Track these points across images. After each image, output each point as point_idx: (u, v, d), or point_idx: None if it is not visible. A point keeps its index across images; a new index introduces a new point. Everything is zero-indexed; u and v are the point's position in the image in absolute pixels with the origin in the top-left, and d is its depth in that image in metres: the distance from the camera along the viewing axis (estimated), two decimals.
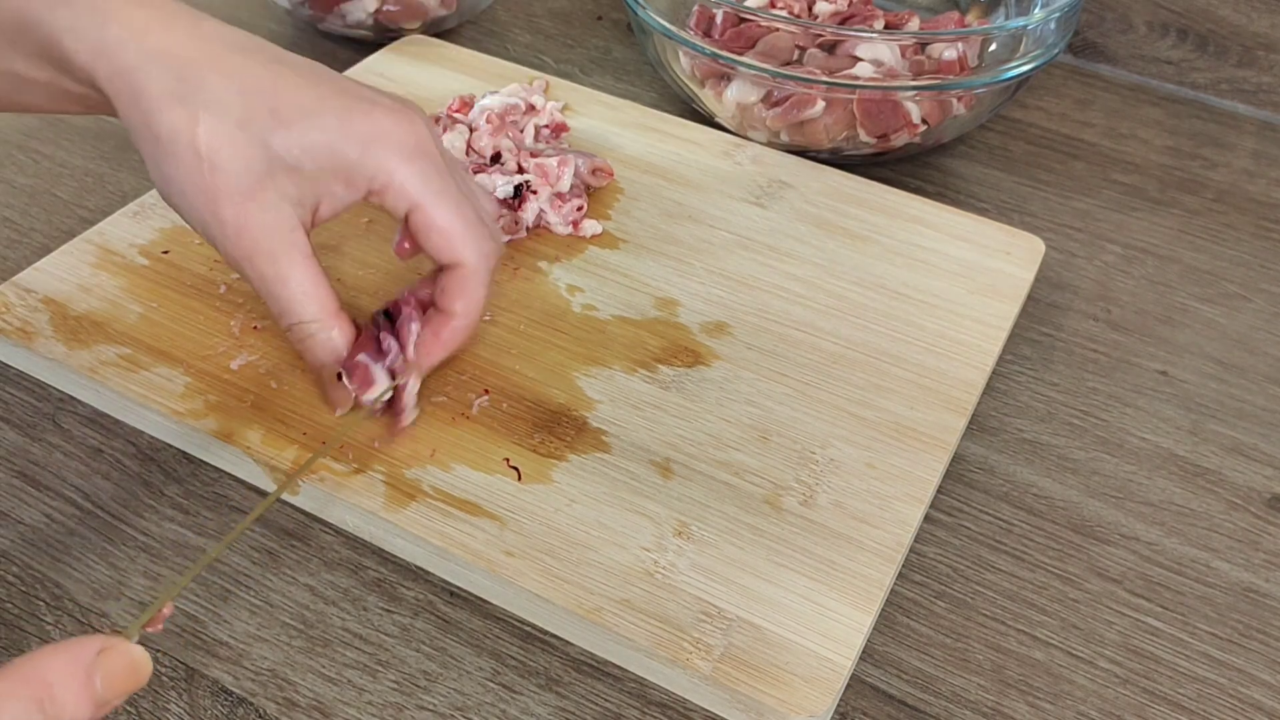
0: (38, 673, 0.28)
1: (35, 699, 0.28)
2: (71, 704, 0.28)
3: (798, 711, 0.37)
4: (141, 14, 0.39)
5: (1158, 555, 0.45)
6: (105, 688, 0.29)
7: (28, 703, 0.27)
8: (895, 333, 0.51)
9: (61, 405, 0.48)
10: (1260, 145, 0.69)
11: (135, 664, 0.30)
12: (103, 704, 0.29)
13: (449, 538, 0.42)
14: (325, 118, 0.40)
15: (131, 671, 0.30)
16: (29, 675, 0.28)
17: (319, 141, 0.40)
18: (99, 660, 0.29)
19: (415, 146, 0.41)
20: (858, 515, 0.43)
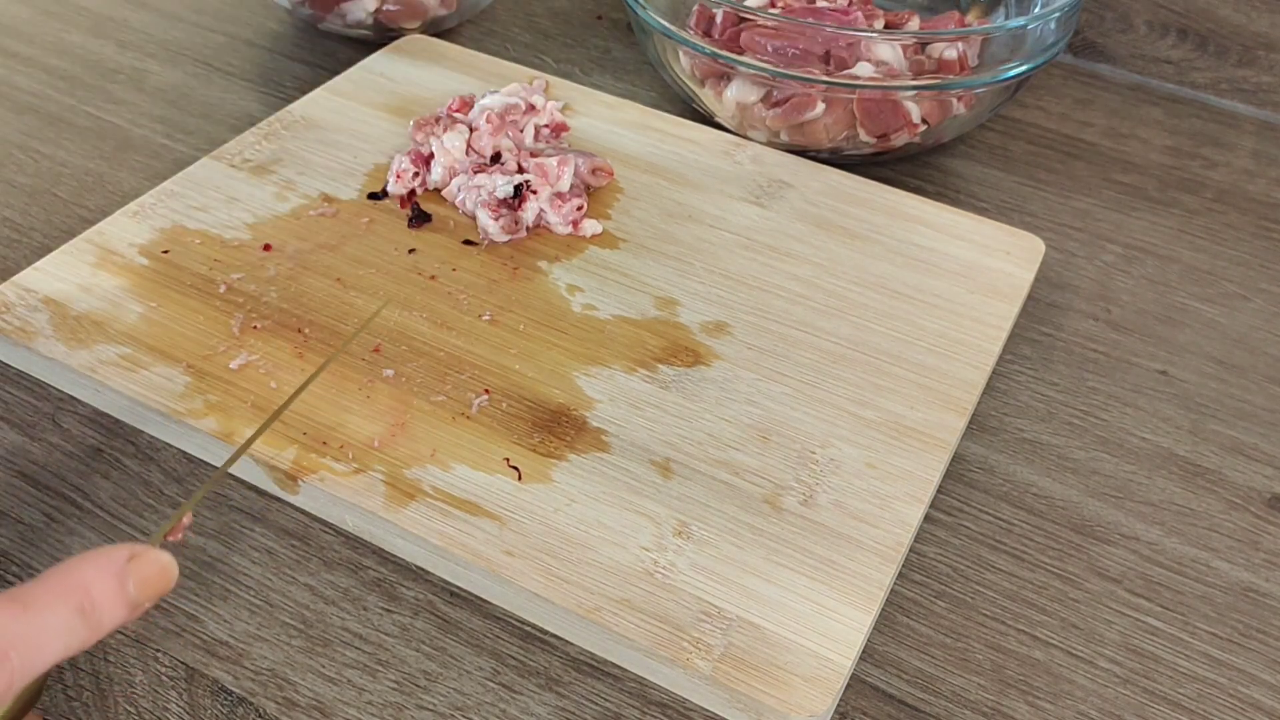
0: (75, 579, 0.30)
1: (76, 604, 0.29)
2: (109, 607, 0.30)
3: (798, 711, 0.37)
4: None
5: (1158, 555, 0.45)
6: (138, 590, 0.31)
7: (69, 608, 0.29)
8: (895, 332, 0.51)
9: (61, 405, 0.48)
10: (1260, 145, 0.69)
11: (164, 567, 0.32)
12: (136, 606, 0.31)
13: (449, 537, 0.42)
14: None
15: (160, 574, 0.32)
16: (68, 582, 0.29)
17: None
18: (130, 566, 0.31)
19: None
20: (858, 515, 0.43)
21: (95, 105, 0.66)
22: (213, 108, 0.67)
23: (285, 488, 0.44)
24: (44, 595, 0.29)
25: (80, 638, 0.30)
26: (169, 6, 0.77)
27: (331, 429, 0.45)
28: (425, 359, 0.48)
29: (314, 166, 0.59)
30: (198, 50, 0.72)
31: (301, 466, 0.44)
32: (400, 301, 0.51)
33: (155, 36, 0.73)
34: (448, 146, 0.57)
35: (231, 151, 0.59)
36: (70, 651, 0.30)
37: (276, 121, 0.61)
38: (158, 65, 0.71)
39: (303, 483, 0.43)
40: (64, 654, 0.29)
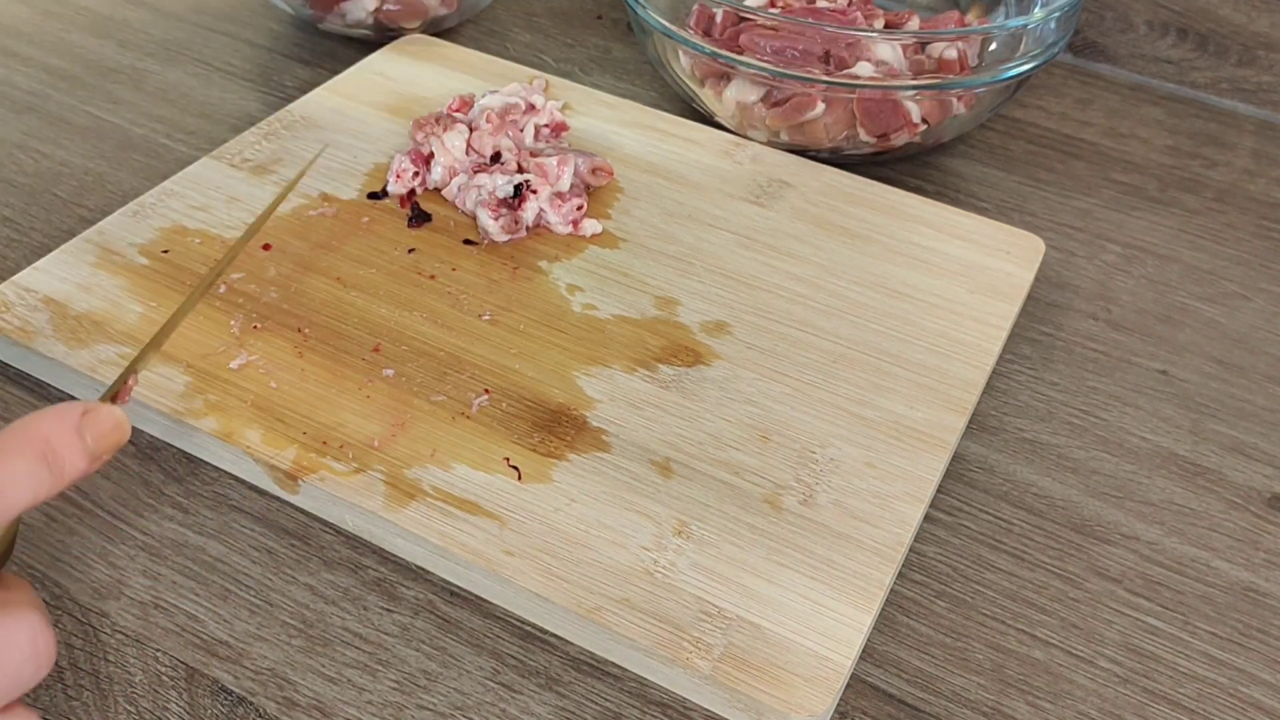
0: (34, 430, 0.32)
1: (38, 453, 0.31)
2: (69, 454, 0.32)
3: (798, 711, 0.37)
4: None
5: (1158, 555, 0.45)
6: (95, 441, 0.33)
7: (32, 457, 0.31)
8: (895, 332, 0.51)
9: None
10: (1260, 144, 0.69)
11: (117, 421, 0.34)
12: (94, 456, 0.33)
13: (449, 537, 0.42)
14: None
15: (115, 427, 0.34)
16: (27, 434, 0.31)
17: None
18: (85, 419, 0.33)
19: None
20: (858, 515, 0.43)
21: (95, 105, 0.66)
22: (213, 108, 0.67)
23: (285, 487, 0.44)
24: (6, 445, 0.31)
25: (45, 483, 0.31)
26: (169, 6, 0.77)
27: (331, 429, 0.45)
28: (425, 359, 0.48)
29: (314, 166, 0.59)
30: (198, 50, 0.72)
31: (301, 466, 0.44)
32: (400, 301, 0.51)
33: (155, 36, 0.73)
34: (448, 146, 0.57)
35: (231, 151, 0.59)
36: (38, 497, 0.32)
37: (276, 121, 0.61)
38: (158, 65, 0.71)
39: (303, 482, 0.43)
40: (31, 500, 0.31)
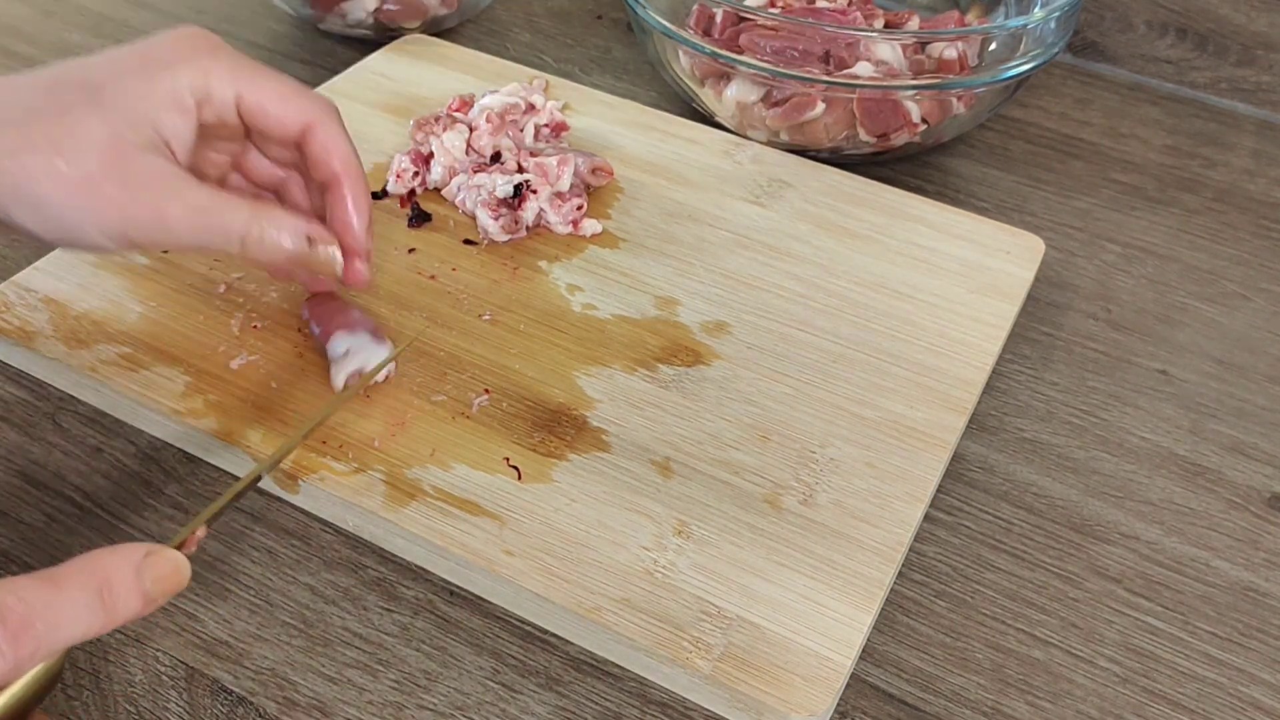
0: (97, 565, 0.32)
1: (96, 588, 0.32)
2: (124, 595, 0.32)
3: (798, 710, 0.37)
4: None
5: (1157, 554, 0.45)
6: (153, 584, 0.33)
7: (90, 590, 0.32)
8: (895, 332, 0.51)
9: (61, 404, 0.48)
10: (1260, 144, 0.69)
11: (178, 566, 0.34)
12: (150, 600, 0.33)
13: (449, 537, 0.42)
14: (126, 64, 0.41)
15: (174, 572, 0.34)
16: (89, 568, 0.32)
17: (134, 84, 0.40)
18: (146, 561, 0.33)
19: (211, 46, 0.42)
20: (857, 514, 0.43)
21: None
22: None
23: (285, 487, 0.44)
24: (68, 576, 0.32)
25: (98, 620, 0.32)
26: (169, 6, 0.77)
27: (331, 428, 0.45)
28: (425, 358, 0.48)
29: None
30: None
31: (301, 466, 0.44)
32: (400, 301, 0.51)
33: None
34: (447, 146, 0.57)
35: None
36: (89, 633, 0.32)
37: None
38: None
39: (303, 482, 0.43)
40: (82, 635, 0.32)
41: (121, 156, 0.39)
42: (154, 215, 0.39)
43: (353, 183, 0.44)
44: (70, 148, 0.39)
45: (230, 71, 0.42)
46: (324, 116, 0.43)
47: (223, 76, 0.42)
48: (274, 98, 0.42)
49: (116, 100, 0.40)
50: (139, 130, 0.40)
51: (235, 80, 0.42)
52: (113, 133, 0.39)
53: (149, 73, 0.41)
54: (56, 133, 0.38)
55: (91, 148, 0.39)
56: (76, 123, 0.39)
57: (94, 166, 0.39)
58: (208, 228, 0.40)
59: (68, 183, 0.38)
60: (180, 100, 0.41)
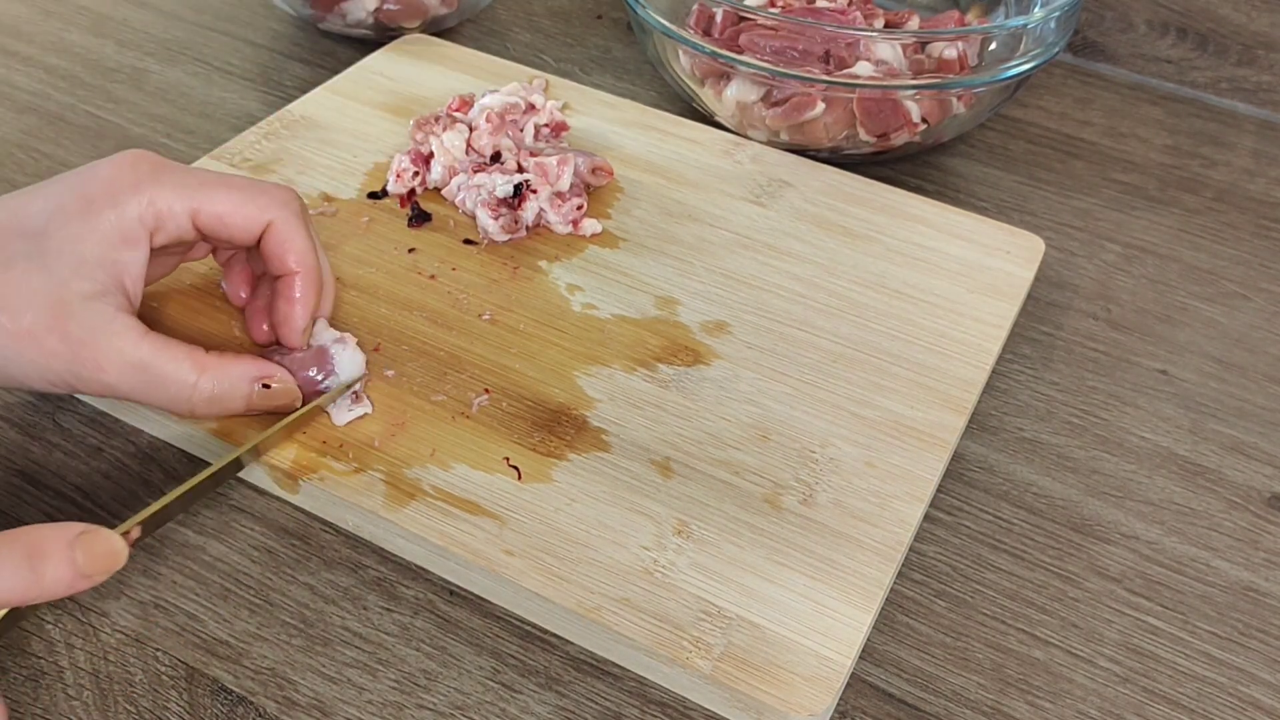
0: (28, 533, 0.33)
1: (25, 554, 0.33)
2: (54, 564, 0.33)
3: (797, 710, 0.37)
4: None
5: (1157, 554, 0.45)
6: (85, 560, 0.34)
7: (19, 555, 0.33)
8: (895, 332, 0.51)
9: (61, 404, 0.48)
10: (1260, 144, 0.69)
11: (113, 549, 0.35)
12: (82, 575, 0.34)
13: (449, 537, 0.42)
14: (66, 204, 0.40)
15: (109, 554, 0.35)
16: (23, 536, 0.33)
17: (76, 226, 0.40)
18: (80, 538, 0.34)
19: (153, 170, 0.42)
20: (858, 514, 0.43)
21: (95, 104, 0.66)
22: (213, 107, 0.67)
23: (285, 487, 0.44)
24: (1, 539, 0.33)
25: (24, 581, 0.33)
26: (169, 6, 0.77)
27: (331, 428, 0.45)
28: (425, 358, 0.48)
29: (314, 166, 0.59)
30: (198, 50, 0.72)
31: (301, 466, 0.44)
32: (400, 301, 0.51)
33: (155, 36, 0.73)
34: (447, 146, 0.57)
35: (231, 151, 0.59)
36: (14, 594, 0.33)
37: (276, 121, 0.61)
38: (158, 65, 0.71)
39: (302, 482, 0.43)
40: (6, 594, 0.33)
41: (63, 310, 0.39)
42: (94, 371, 0.40)
43: (303, 280, 0.44)
44: (13, 302, 0.39)
45: (179, 192, 0.41)
46: (282, 212, 0.43)
47: (172, 200, 0.41)
48: (230, 208, 0.42)
49: (61, 247, 0.39)
50: (84, 276, 0.40)
51: (187, 200, 0.42)
52: (56, 284, 0.39)
53: (92, 212, 0.40)
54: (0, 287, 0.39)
55: (33, 302, 0.39)
56: (18, 277, 0.39)
57: (35, 321, 0.39)
58: (148, 385, 0.41)
59: (11, 336, 0.39)
60: (128, 234, 0.41)
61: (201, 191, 0.42)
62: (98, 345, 0.39)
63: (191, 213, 0.42)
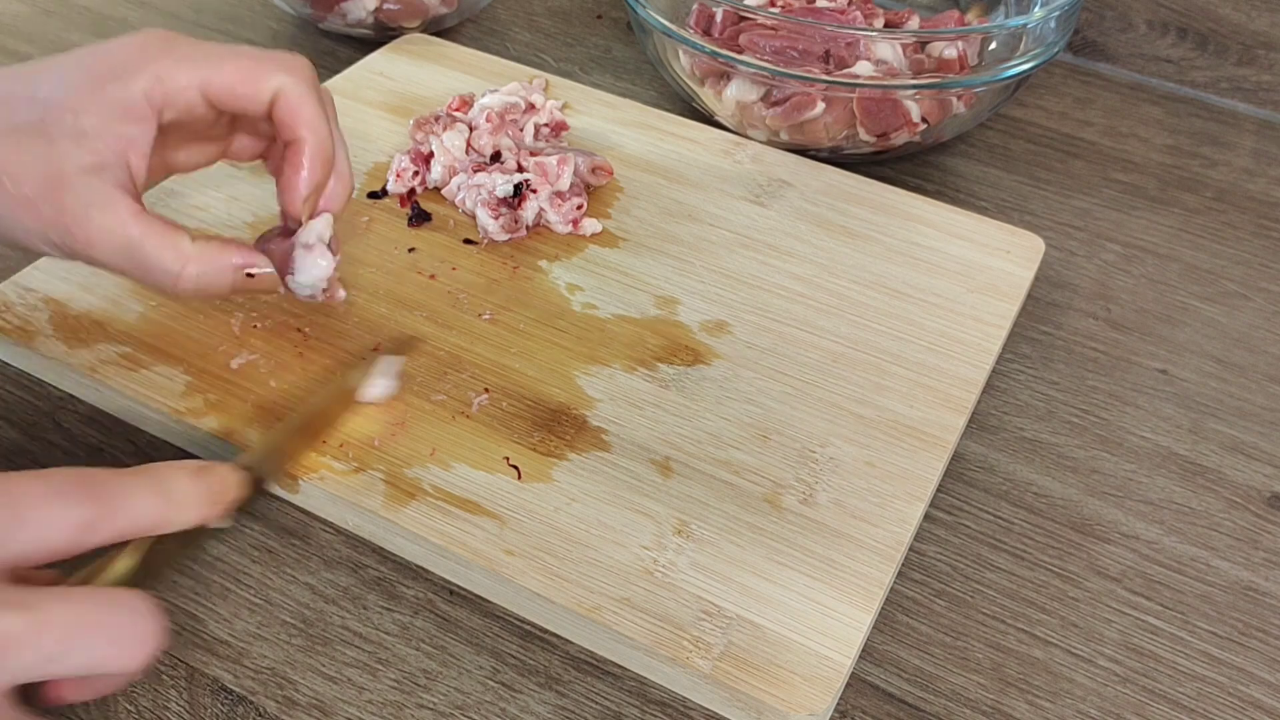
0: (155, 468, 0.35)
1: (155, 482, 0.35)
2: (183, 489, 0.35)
3: (798, 710, 0.37)
4: None
5: (1157, 554, 0.45)
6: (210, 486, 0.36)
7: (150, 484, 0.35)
8: (895, 331, 0.51)
9: (61, 404, 0.48)
10: (1260, 144, 0.69)
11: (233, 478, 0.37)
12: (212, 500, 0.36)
13: (449, 536, 0.42)
14: (75, 76, 0.41)
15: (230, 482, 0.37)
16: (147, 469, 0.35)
17: (82, 99, 0.40)
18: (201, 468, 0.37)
19: (164, 45, 0.42)
20: (857, 514, 0.43)
21: None
22: None
23: (285, 486, 0.44)
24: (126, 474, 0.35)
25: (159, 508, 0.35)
26: (169, 6, 0.77)
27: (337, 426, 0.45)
28: (425, 358, 0.48)
29: None
30: None
31: (301, 465, 0.44)
32: (400, 301, 0.51)
33: None
34: (447, 145, 0.57)
35: None
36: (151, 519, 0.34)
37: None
38: None
39: (303, 481, 0.43)
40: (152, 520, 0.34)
41: (60, 181, 0.39)
42: (84, 245, 0.40)
43: (311, 149, 0.43)
44: (13, 169, 0.39)
45: (189, 65, 0.41)
46: (292, 79, 0.42)
47: (180, 73, 0.41)
48: (239, 78, 0.42)
49: (63, 118, 0.40)
50: (85, 148, 0.40)
51: (195, 72, 0.41)
52: (57, 154, 0.39)
53: (97, 85, 0.40)
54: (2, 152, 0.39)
55: (32, 169, 0.39)
56: (19, 144, 0.39)
57: (34, 189, 0.39)
58: (133, 262, 0.41)
59: (10, 201, 0.39)
60: (131, 109, 0.40)
61: (209, 63, 0.41)
62: (90, 219, 0.39)
63: (201, 85, 0.41)
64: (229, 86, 0.42)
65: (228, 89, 0.42)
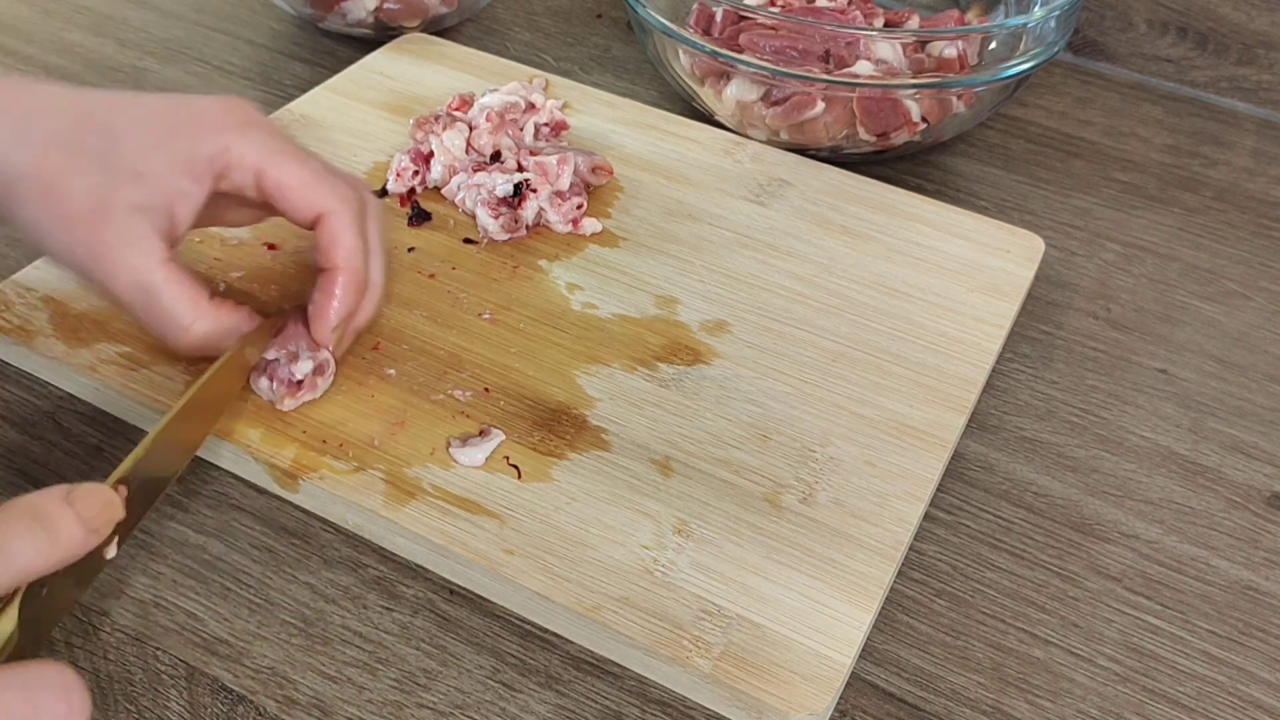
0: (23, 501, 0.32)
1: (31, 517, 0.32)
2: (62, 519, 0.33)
3: (798, 709, 0.37)
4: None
5: (1157, 553, 0.45)
6: (85, 511, 0.33)
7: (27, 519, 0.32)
8: (895, 331, 0.51)
9: (61, 404, 0.48)
10: (1260, 143, 0.69)
11: (108, 499, 0.35)
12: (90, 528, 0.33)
13: (449, 536, 0.42)
14: (152, 120, 0.42)
15: (106, 504, 0.34)
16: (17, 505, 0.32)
17: (151, 142, 0.41)
18: (73, 494, 0.33)
19: (244, 120, 0.43)
20: (857, 513, 0.43)
21: None
22: None
23: (285, 486, 0.44)
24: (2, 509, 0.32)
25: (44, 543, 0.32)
26: (169, 5, 0.77)
27: (331, 427, 0.45)
28: (425, 357, 0.48)
29: None
30: (198, 49, 0.72)
31: (301, 465, 0.44)
32: (400, 300, 0.51)
33: (155, 35, 0.73)
34: (447, 145, 0.57)
35: None
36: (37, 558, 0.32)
37: (276, 120, 0.61)
38: (158, 64, 0.71)
39: (302, 481, 0.43)
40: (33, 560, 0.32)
41: (105, 211, 0.40)
42: (108, 276, 0.41)
43: (344, 280, 0.44)
44: (66, 185, 0.40)
45: (256, 150, 0.42)
46: (340, 207, 0.43)
47: (246, 154, 0.42)
48: (295, 183, 0.43)
49: (125, 156, 0.41)
50: (138, 187, 0.41)
51: (260, 159, 0.42)
52: (109, 186, 0.40)
53: (170, 135, 0.42)
54: (59, 164, 0.40)
55: (83, 193, 0.40)
56: (79, 167, 0.40)
57: (78, 210, 0.40)
58: (149, 306, 0.41)
59: (53, 215, 0.40)
60: (193, 168, 0.42)
61: (275, 157, 0.42)
62: (121, 253, 0.40)
63: (258, 173, 0.42)
64: (281, 187, 0.43)
65: (278, 189, 0.43)
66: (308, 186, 0.43)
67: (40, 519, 0.32)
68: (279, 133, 0.44)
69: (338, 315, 0.44)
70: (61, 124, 0.41)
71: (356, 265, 0.44)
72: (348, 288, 0.44)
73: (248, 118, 0.43)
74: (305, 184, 0.43)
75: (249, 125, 0.43)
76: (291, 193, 0.43)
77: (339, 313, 0.44)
